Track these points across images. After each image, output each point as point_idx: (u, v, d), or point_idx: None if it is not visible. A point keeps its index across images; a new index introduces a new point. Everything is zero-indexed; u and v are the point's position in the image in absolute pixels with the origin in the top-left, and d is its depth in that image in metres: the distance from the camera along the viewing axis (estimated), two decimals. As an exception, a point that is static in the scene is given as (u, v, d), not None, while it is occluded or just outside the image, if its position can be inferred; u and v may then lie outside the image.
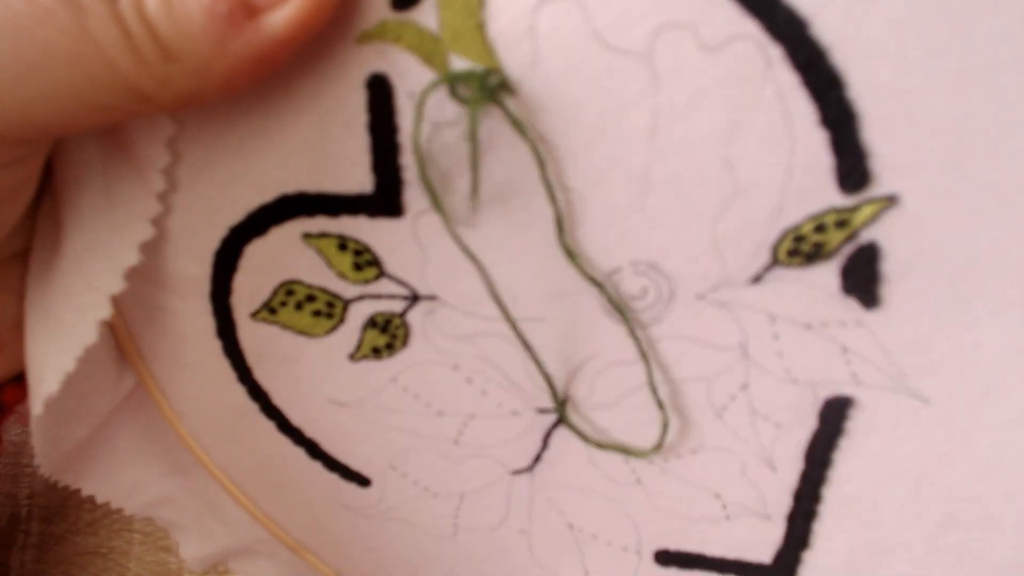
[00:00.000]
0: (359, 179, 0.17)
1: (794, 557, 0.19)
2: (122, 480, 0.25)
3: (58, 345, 0.19)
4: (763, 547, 0.19)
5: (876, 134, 0.14)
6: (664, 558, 0.21)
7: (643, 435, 0.18)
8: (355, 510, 0.23)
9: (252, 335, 0.20)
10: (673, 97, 0.14)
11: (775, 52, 0.13)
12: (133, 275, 0.18)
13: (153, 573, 0.27)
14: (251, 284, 0.19)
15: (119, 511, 0.25)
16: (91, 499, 0.26)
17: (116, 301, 0.21)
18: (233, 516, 0.25)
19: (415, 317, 0.18)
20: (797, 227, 0.15)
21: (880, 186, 0.14)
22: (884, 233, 0.14)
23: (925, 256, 0.14)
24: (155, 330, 0.21)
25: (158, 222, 0.18)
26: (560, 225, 0.16)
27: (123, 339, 0.22)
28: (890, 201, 0.14)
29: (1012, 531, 0.17)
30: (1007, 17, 0.12)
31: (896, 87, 0.13)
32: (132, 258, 0.18)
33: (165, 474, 0.25)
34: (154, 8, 0.14)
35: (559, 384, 0.18)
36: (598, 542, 0.21)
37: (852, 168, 0.14)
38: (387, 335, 0.19)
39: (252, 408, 0.22)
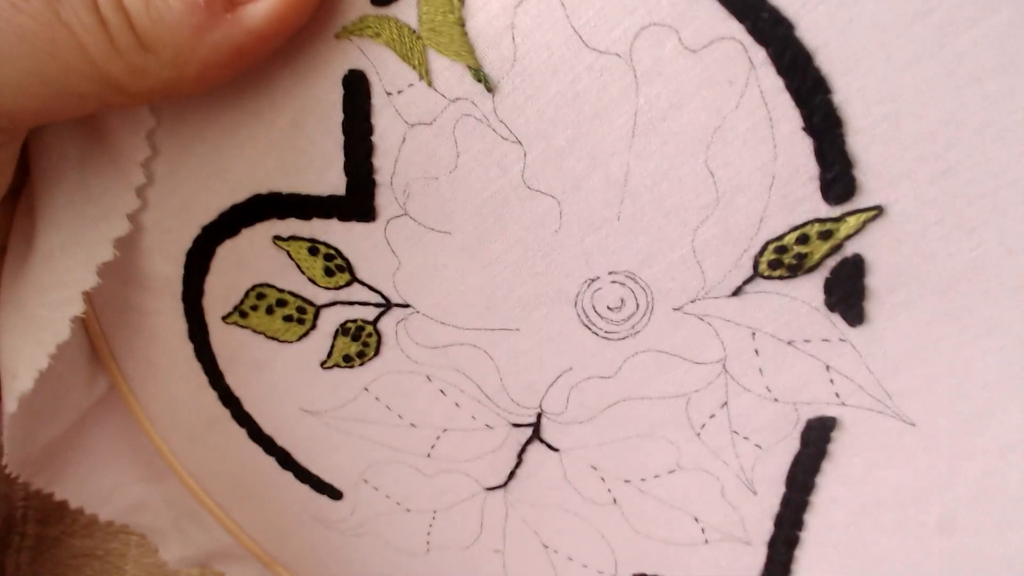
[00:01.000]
0: (332, 180, 0.16)
1: (775, 586, 0.18)
2: (98, 485, 0.24)
3: (31, 342, 0.18)
4: (743, 572, 0.19)
5: (862, 142, 0.13)
6: (641, 583, 0.20)
7: (621, 455, 0.18)
8: (327, 524, 0.22)
9: (224, 339, 0.20)
10: (654, 98, 0.14)
11: (759, 55, 0.13)
12: (108, 273, 0.18)
13: (149, 575, 0.26)
14: (223, 286, 0.19)
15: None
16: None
17: (91, 300, 0.21)
18: (210, 521, 0.25)
19: (387, 325, 0.18)
20: (779, 238, 0.14)
21: (866, 196, 0.14)
22: (870, 245, 0.14)
23: (912, 270, 0.14)
24: (128, 331, 0.21)
25: (134, 217, 0.18)
26: None
27: (97, 340, 0.21)
28: (876, 212, 0.14)
29: (1004, 568, 0.16)
30: (994, 21, 0.12)
31: (882, 93, 0.13)
32: (106, 253, 0.17)
33: (141, 479, 0.24)
34: None
35: (533, 398, 0.18)
36: (573, 564, 0.20)
37: (837, 177, 0.13)
38: (358, 343, 0.18)
39: (223, 414, 0.21)
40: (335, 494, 0.21)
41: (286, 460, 0.21)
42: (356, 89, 0.15)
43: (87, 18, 0.14)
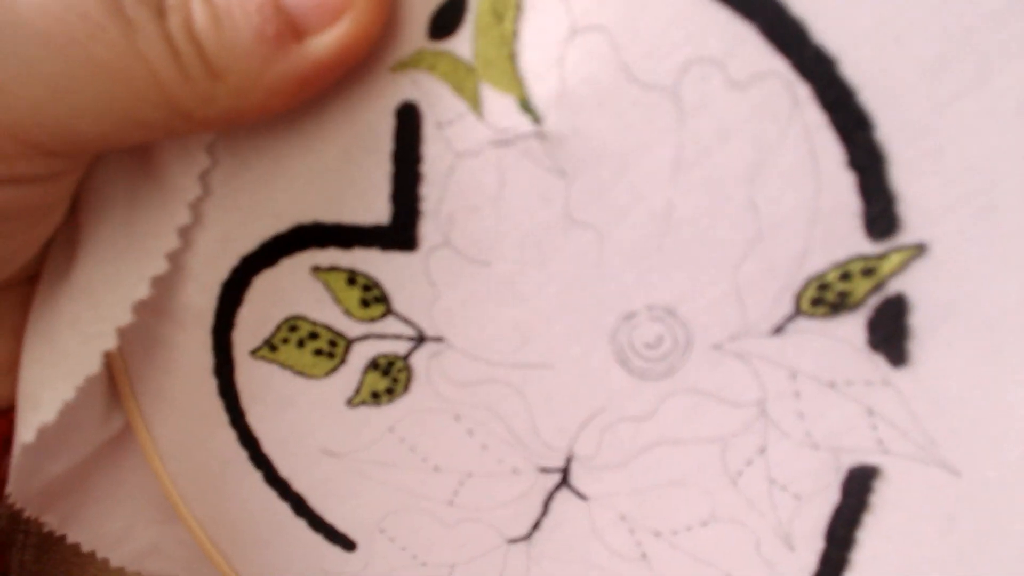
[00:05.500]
0: (377, 209, 0.17)
1: (812, 655, 0.17)
2: (110, 527, 0.23)
3: (59, 373, 0.18)
4: (778, 641, 0.18)
5: (905, 177, 0.13)
6: (669, 649, 0.19)
7: (653, 504, 0.17)
8: (337, 579, 0.21)
9: (249, 375, 0.19)
10: (698, 133, 0.14)
11: (803, 91, 0.13)
12: (140, 307, 0.18)
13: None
14: (255, 318, 0.19)
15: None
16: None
17: (118, 335, 0.21)
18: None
19: (419, 360, 0.18)
20: (822, 274, 0.14)
21: (909, 233, 0.14)
22: (913, 284, 0.14)
23: (956, 309, 0.14)
24: (151, 364, 0.20)
25: (174, 257, 0.18)
26: None
27: (119, 375, 0.21)
28: (919, 249, 0.14)
29: None
30: None
31: (925, 129, 0.13)
32: (143, 291, 0.18)
33: (155, 521, 0.24)
34: (203, 26, 0.14)
35: (564, 440, 0.17)
36: (597, 627, 0.19)
37: (880, 213, 0.14)
38: (388, 378, 0.18)
39: (240, 456, 0.21)
40: (349, 545, 0.21)
41: (300, 506, 0.21)
42: (409, 120, 0.16)
43: (160, 47, 0.14)
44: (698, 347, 0.16)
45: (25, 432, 0.18)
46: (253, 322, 0.19)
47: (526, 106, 0.15)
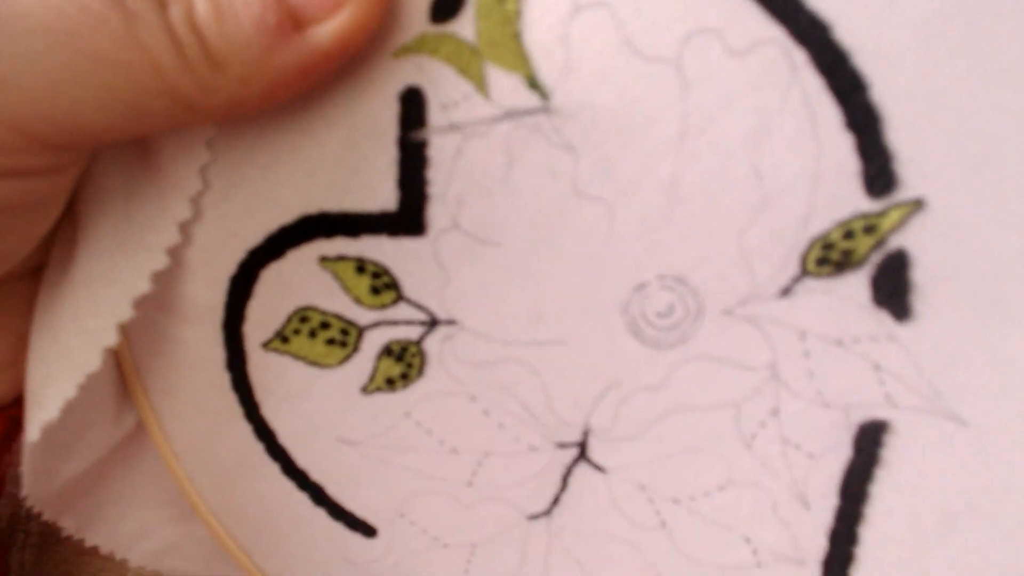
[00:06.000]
0: (384, 196, 0.17)
1: (831, 610, 0.18)
2: (127, 528, 0.23)
3: (61, 370, 0.18)
4: (797, 599, 0.18)
5: (901, 136, 0.14)
6: (690, 615, 0.19)
7: (670, 472, 0.18)
8: (358, 565, 0.22)
9: (262, 367, 0.20)
10: (702, 102, 0.14)
11: (800, 56, 0.14)
12: (145, 304, 0.18)
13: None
14: (265, 311, 0.19)
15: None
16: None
17: (126, 333, 0.21)
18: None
19: (432, 344, 0.18)
20: (826, 234, 0.15)
21: (906, 189, 0.14)
22: (913, 239, 0.14)
23: (956, 263, 0.14)
24: (162, 362, 0.21)
25: (174, 251, 0.18)
26: None
27: (129, 374, 0.21)
28: (917, 205, 0.14)
29: None
30: None
31: (920, 88, 0.13)
32: (143, 286, 0.18)
33: (171, 520, 0.24)
34: (204, 17, 0.14)
35: (580, 414, 0.18)
36: (619, 598, 0.20)
37: (878, 171, 0.14)
38: (403, 364, 0.18)
39: (257, 448, 0.21)
40: (369, 531, 0.21)
41: (320, 496, 0.21)
42: (413, 104, 0.16)
43: (162, 38, 0.14)
44: (709, 313, 0.16)
45: (32, 431, 0.19)
46: (263, 315, 0.19)
47: (534, 83, 0.15)
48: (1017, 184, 0.14)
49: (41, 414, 0.18)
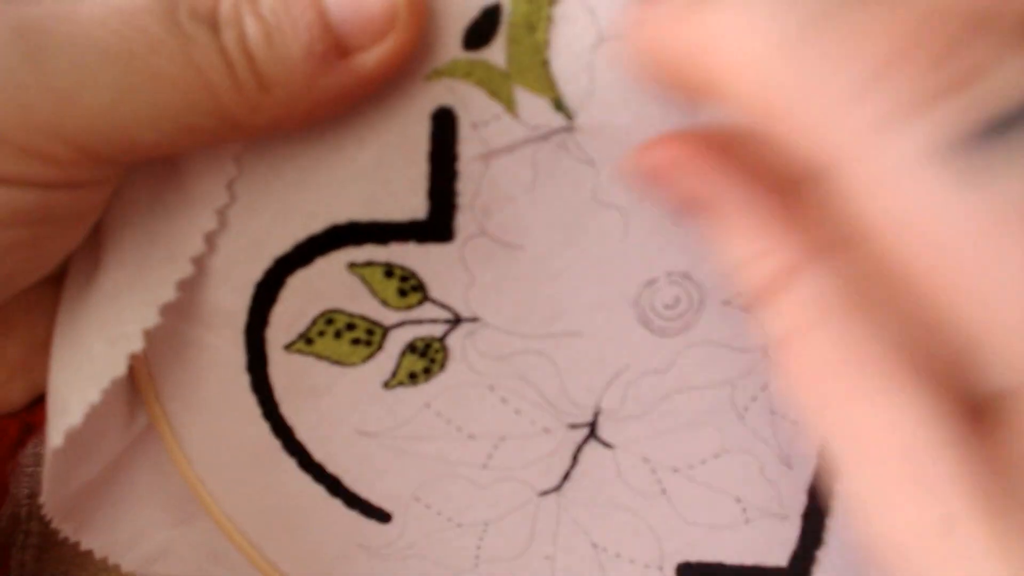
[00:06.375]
0: (413, 206, 0.18)
1: (809, 557, 0.21)
2: (122, 532, 0.24)
3: (85, 376, 0.19)
4: (779, 549, 0.21)
5: None
6: (686, 572, 0.22)
7: (672, 445, 0.20)
8: (371, 551, 0.23)
9: (283, 368, 0.21)
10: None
11: None
12: (168, 310, 0.19)
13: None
14: (290, 315, 0.20)
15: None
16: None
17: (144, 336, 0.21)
18: (237, 562, 0.24)
19: (455, 340, 0.20)
20: None
21: None
22: None
23: None
24: (178, 366, 0.21)
25: (199, 260, 0.19)
26: None
27: (142, 379, 0.22)
28: None
29: None
30: None
31: None
32: (168, 294, 0.18)
33: (167, 524, 0.24)
34: (255, 41, 0.15)
35: (592, 398, 0.20)
36: (621, 561, 0.22)
37: None
38: (426, 359, 0.20)
39: (274, 445, 0.22)
40: (384, 517, 0.22)
41: (336, 487, 0.22)
42: (444, 122, 0.17)
43: (216, 59, 0.15)
44: (710, 304, 0.18)
45: (55, 437, 0.19)
46: (288, 318, 0.20)
47: (559, 106, 0.17)
48: None
49: (65, 419, 0.19)
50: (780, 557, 0.21)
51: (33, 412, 0.21)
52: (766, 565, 0.21)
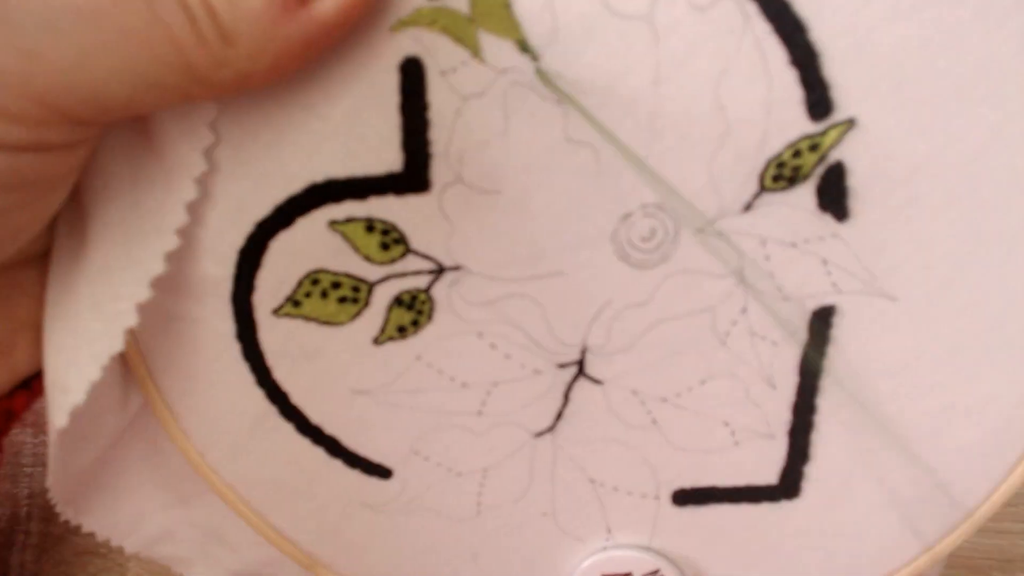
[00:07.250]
0: (388, 158, 0.18)
1: (797, 472, 0.21)
2: (123, 515, 0.24)
3: (84, 355, 0.19)
4: (769, 467, 0.21)
5: (835, 68, 0.17)
6: (681, 498, 0.22)
7: (658, 375, 0.21)
8: (374, 507, 0.23)
9: (273, 333, 0.21)
10: (672, 50, 0.17)
11: (751, 7, 0.16)
12: (155, 286, 0.19)
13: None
14: (275, 278, 0.20)
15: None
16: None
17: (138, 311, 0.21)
18: (238, 540, 0.25)
19: (440, 290, 0.20)
20: (779, 155, 0.18)
21: (841, 112, 0.17)
22: (848, 152, 0.18)
23: (881, 168, 0.18)
24: (168, 342, 0.21)
25: (184, 231, 0.19)
26: None
27: (132, 356, 0.22)
28: (849, 124, 0.17)
29: (974, 418, 0.20)
30: None
31: (848, 27, 0.17)
32: (158, 267, 0.18)
33: (167, 505, 0.24)
34: None
35: (578, 335, 0.20)
36: (619, 494, 0.22)
37: (818, 99, 0.17)
38: (413, 311, 0.20)
39: (270, 412, 0.22)
40: (385, 473, 0.23)
41: (335, 448, 0.22)
42: (412, 73, 0.17)
43: (179, 14, 0.15)
44: (684, 233, 0.19)
45: (58, 418, 0.19)
46: (273, 283, 0.20)
47: (525, 47, 0.17)
48: (924, 102, 0.17)
49: (68, 398, 0.19)
50: (770, 475, 0.22)
51: (12, 399, 0.21)
52: (758, 484, 0.22)
